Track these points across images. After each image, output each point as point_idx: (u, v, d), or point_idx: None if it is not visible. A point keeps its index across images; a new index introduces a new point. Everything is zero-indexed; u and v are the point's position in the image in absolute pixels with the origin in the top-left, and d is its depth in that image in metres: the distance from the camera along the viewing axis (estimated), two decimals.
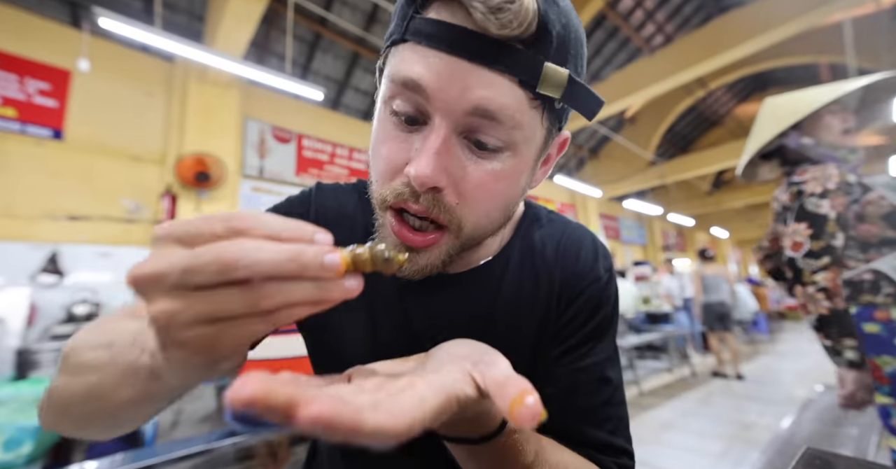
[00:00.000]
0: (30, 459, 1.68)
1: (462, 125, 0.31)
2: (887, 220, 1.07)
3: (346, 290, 0.21)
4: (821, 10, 3.94)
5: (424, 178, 0.30)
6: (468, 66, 0.29)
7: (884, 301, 1.04)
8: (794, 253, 1.12)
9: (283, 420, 0.17)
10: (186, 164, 3.64)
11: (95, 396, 0.28)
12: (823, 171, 1.15)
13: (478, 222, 0.35)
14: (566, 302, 0.44)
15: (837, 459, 0.55)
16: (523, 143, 0.33)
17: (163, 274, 0.19)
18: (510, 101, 0.30)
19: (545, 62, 0.30)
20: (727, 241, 15.47)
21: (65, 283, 3.02)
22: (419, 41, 0.31)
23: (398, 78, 0.32)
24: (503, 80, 0.30)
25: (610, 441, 0.41)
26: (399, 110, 0.33)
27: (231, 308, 0.19)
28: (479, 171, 0.33)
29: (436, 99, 0.30)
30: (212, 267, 0.18)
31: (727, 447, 2.58)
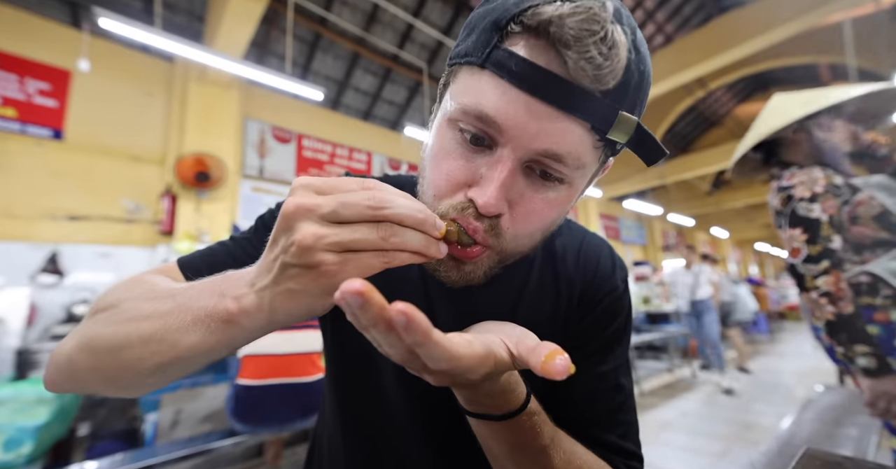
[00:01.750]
0: (30, 459, 1.68)
1: (529, 160, 0.32)
2: (879, 221, 1.06)
3: (440, 251, 0.27)
4: (821, 11, 3.94)
5: (491, 207, 0.32)
6: (547, 110, 0.30)
7: (883, 303, 1.04)
8: (794, 259, 1.11)
9: (374, 315, 0.20)
10: (186, 164, 3.64)
11: (156, 341, 0.28)
12: (809, 174, 1.15)
13: (521, 242, 0.36)
14: (585, 309, 0.46)
15: (837, 460, 0.55)
16: (581, 176, 0.35)
17: (318, 205, 0.24)
18: (579, 146, 0.31)
19: (620, 111, 0.30)
20: (727, 241, 15.46)
21: (65, 283, 3.02)
22: (501, 75, 0.30)
23: (473, 109, 0.31)
24: (577, 127, 0.30)
25: (621, 444, 0.42)
26: (466, 130, 0.33)
27: (366, 238, 0.24)
28: (535, 199, 0.34)
29: (510, 136, 0.31)
30: (367, 201, 0.24)
31: (727, 447, 2.58)
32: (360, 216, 0.24)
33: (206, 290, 0.29)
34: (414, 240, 0.25)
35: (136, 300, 0.32)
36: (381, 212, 0.24)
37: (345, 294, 0.19)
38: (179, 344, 0.28)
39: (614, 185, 9.00)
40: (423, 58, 5.79)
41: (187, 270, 0.43)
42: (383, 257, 0.25)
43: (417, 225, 0.25)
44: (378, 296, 0.20)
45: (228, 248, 0.45)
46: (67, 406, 1.92)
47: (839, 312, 1.02)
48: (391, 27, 5.40)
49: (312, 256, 0.24)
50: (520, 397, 0.32)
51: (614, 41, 0.28)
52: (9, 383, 1.89)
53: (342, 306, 0.21)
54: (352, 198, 0.24)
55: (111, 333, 0.31)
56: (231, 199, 4.09)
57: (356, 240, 0.24)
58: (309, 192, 0.25)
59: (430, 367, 0.23)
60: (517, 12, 0.29)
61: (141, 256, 3.49)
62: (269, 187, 4.64)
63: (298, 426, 1.72)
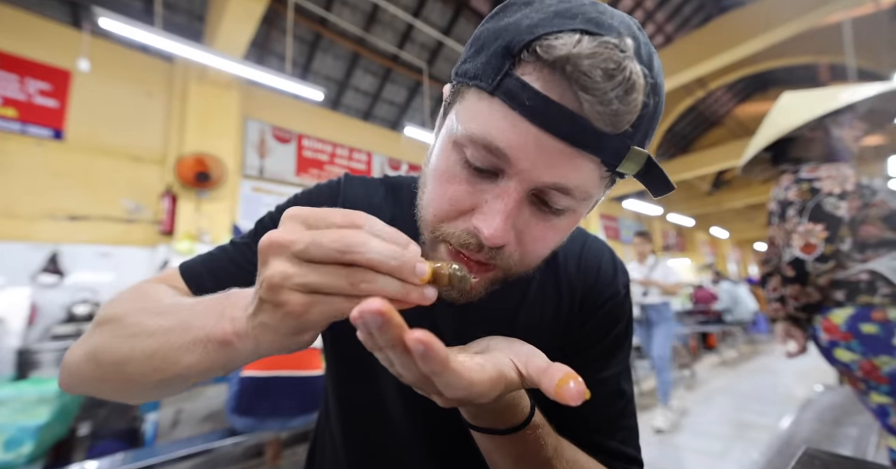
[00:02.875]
0: (30, 459, 1.68)
1: (535, 191, 0.31)
2: (887, 222, 1.07)
3: (424, 297, 0.24)
4: (820, 11, 3.94)
5: (497, 239, 0.31)
6: (559, 145, 0.28)
7: (881, 301, 1.04)
8: (806, 255, 1.10)
9: (392, 337, 0.20)
10: (186, 164, 3.64)
11: (158, 358, 0.29)
12: (839, 170, 1.13)
13: (527, 265, 0.36)
14: (586, 314, 0.46)
15: (836, 459, 0.55)
16: (586, 205, 0.34)
17: (292, 242, 0.23)
18: (587, 179, 0.30)
19: (631, 147, 0.29)
20: (727, 241, 15.46)
21: (65, 283, 3.02)
22: (513, 106, 0.28)
23: (482, 139, 0.30)
24: (587, 162, 0.29)
25: (622, 450, 0.43)
26: (472, 161, 0.32)
27: (333, 283, 0.23)
28: (541, 227, 0.33)
29: (518, 168, 0.30)
30: (334, 244, 0.22)
31: (727, 447, 2.58)
32: (329, 258, 0.22)
33: (208, 310, 0.29)
34: (389, 287, 0.23)
35: (140, 314, 0.33)
36: (349, 256, 0.22)
37: (364, 313, 0.19)
38: (179, 362, 0.28)
39: (614, 186, 8.98)
40: (423, 58, 5.79)
41: (189, 277, 0.43)
42: (356, 303, 0.22)
43: (393, 272, 0.23)
44: (398, 318, 0.20)
45: (229, 252, 0.46)
46: (68, 406, 1.92)
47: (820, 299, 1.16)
48: (391, 27, 5.40)
49: (279, 295, 0.23)
50: (524, 411, 0.32)
51: (632, 84, 0.26)
52: (9, 383, 1.89)
53: (357, 325, 0.20)
54: (323, 238, 0.22)
55: (116, 347, 0.32)
56: (231, 199, 4.09)
57: (323, 284, 0.22)
58: (295, 225, 0.24)
59: (446, 395, 0.23)
60: (531, 39, 0.27)
61: (141, 256, 3.49)
62: (269, 187, 4.64)
63: (299, 422, 1.73)
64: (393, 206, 0.48)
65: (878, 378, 1.04)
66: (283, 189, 4.74)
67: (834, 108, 1.16)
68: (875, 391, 1.06)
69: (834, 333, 1.11)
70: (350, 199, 0.49)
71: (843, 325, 1.09)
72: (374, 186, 0.51)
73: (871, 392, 1.07)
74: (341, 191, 0.49)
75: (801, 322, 1.24)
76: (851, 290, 1.09)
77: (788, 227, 1.17)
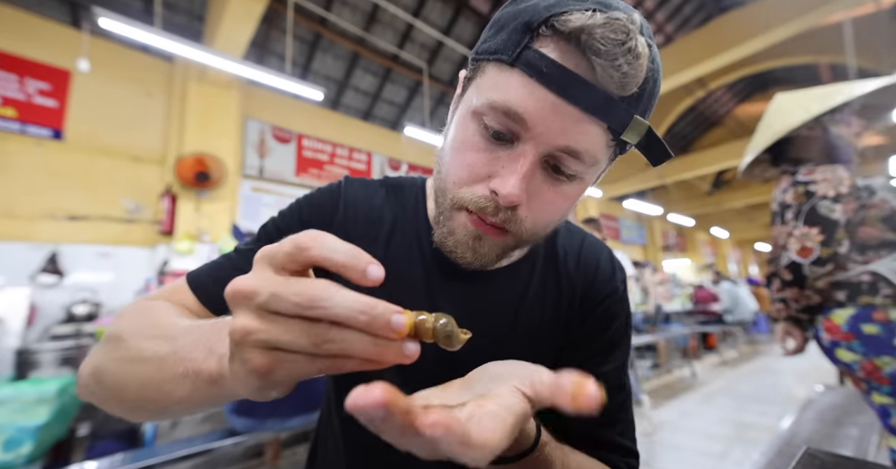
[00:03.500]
0: (30, 459, 1.68)
1: (548, 155, 0.34)
2: (887, 223, 1.07)
3: (402, 354, 0.21)
4: (821, 11, 3.94)
5: (513, 198, 0.33)
6: (572, 110, 0.31)
7: (882, 302, 1.04)
8: (802, 258, 1.10)
9: (402, 425, 0.17)
10: (186, 164, 3.64)
11: (152, 388, 0.29)
12: (834, 172, 1.13)
13: (537, 232, 0.38)
14: (586, 312, 0.48)
15: (837, 460, 0.55)
16: (593, 173, 0.37)
17: (255, 293, 0.20)
18: (595, 145, 0.33)
19: (635, 115, 0.33)
20: (727, 241, 15.46)
21: (65, 283, 3.02)
22: (531, 74, 0.32)
23: (502, 105, 0.33)
24: (596, 127, 0.33)
25: (620, 442, 0.44)
26: (490, 126, 0.34)
27: (295, 341, 0.20)
28: (552, 193, 0.36)
29: (534, 132, 0.33)
30: (296, 299, 0.20)
31: (727, 447, 2.58)
32: (292, 312, 0.20)
33: (199, 341, 0.27)
34: (357, 345, 0.20)
35: (138, 337, 0.32)
36: (311, 312, 0.20)
37: (360, 408, 0.17)
38: (172, 395, 0.28)
39: (614, 185, 8.99)
40: (423, 58, 5.78)
41: (196, 287, 0.44)
42: (320, 364, 0.21)
43: (364, 326, 0.20)
44: (402, 402, 0.17)
45: (233, 260, 0.46)
46: (67, 406, 1.92)
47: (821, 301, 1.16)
48: (391, 27, 5.40)
49: (243, 351, 0.21)
50: (531, 434, 0.31)
51: (639, 52, 0.30)
52: (9, 383, 1.89)
53: (355, 415, 0.18)
54: (286, 289, 0.20)
55: (114, 371, 0.32)
56: (231, 199, 4.09)
57: (284, 341, 0.20)
58: (263, 268, 0.21)
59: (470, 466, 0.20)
60: (549, 16, 0.31)
61: (141, 256, 3.49)
62: (269, 187, 4.63)
63: (298, 422, 1.73)
64: (394, 207, 0.49)
65: (880, 379, 1.04)
66: (283, 189, 4.74)
67: (831, 106, 1.16)
68: (877, 392, 1.06)
69: (835, 334, 1.11)
70: (351, 202, 0.49)
71: (844, 326, 1.09)
72: (375, 188, 0.51)
73: (873, 392, 1.07)
74: (342, 193, 0.49)
75: (802, 322, 1.24)
76: (853, 290, 1.09)
77: (786, 231, 1.17)
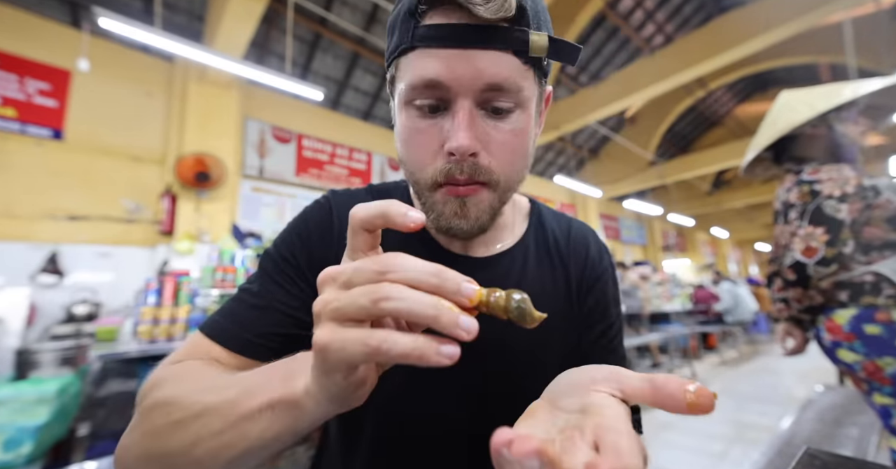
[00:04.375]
0: (29, 459, 1.68)
1: (479, 99, 0.36)
2: (892, 223, 1.06)
3: (458, 325, 0.20)
4: (821, 10, 3.93)
5: (465, 147, 0.35)
6: (474, 52, 0.35)
7: (885, 303, 1.04)
8: (807, 258, 1.10)
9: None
10: (186, 164, 3.64)
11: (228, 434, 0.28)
12: (840, 171, 1.12)
13: (509, 176, 0.40)
14: (585, 290, 0.51)
15: (837, 460, 0.55)
16: (526, 100, 0.39)
17: (339, 272, 0.23)
18: (511, 71, 0.36)
19: (529, 32, 0.35)
20: (727, 241, 15.46)
21: (64, 283, 3.02)
22: (429, 45, 0.35)
23: (419, 81, 0.36)
24: (502, 55, 0.35)
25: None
26: (422, 105, 0.38)
27: (356, 300, 0.21)
28: (500, 133, 0.38)
29: (456, 86, 0.35)
30: (372, 267, 0.22)
31: (727, 447, 2.58)
32: (371, 280, 0.22)
33: (272, 374, 0.28)
34: (418, 305, 0.20)
35: (195, 393, 0.31)
36: (388, 276, 0.21)
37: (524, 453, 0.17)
38: (250, 434, 0.27)
39: (614, 185, 9.00)
40: None
41: (220, 337, 0.42)
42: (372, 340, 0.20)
43: (434, 289, 0.21)
44: (553, 451, 0.18)
45: (246, 301, 0.45)
46: (67, 406, 1.92)
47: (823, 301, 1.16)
48: None
49: (317, 325, 0.23)
50: None
51: None
52: (9, 383, 1.89)
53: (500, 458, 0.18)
54: (364, 263, 0.23)
55: (178, 435, 0.30)
56: (231, 199, 4.09)
57: (346, 304, 0.21)
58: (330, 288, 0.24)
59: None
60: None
61: (141, 256, 3.49)
62: (268, 187, 4.63)
63: None
64: None
65: (882, 379, 1.03)
66: (283, 189, 4.74)
67: (837, 104, 1.15)
68: (878, 392, 1.05)
69: (837, 334, 1.11)
70: (343, 215, 0.48)
71: (846, 326, 1.08)
72: (361, 197, 0.52)
73: (875, 393, 1.06)
74: (332, 207, 0.50)
75: (804, 323, 1.24)
76: (855, 291, 1.08)
77: (790, 230, 1.16)
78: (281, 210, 4.70)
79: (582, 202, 8.76)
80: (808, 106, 1.20)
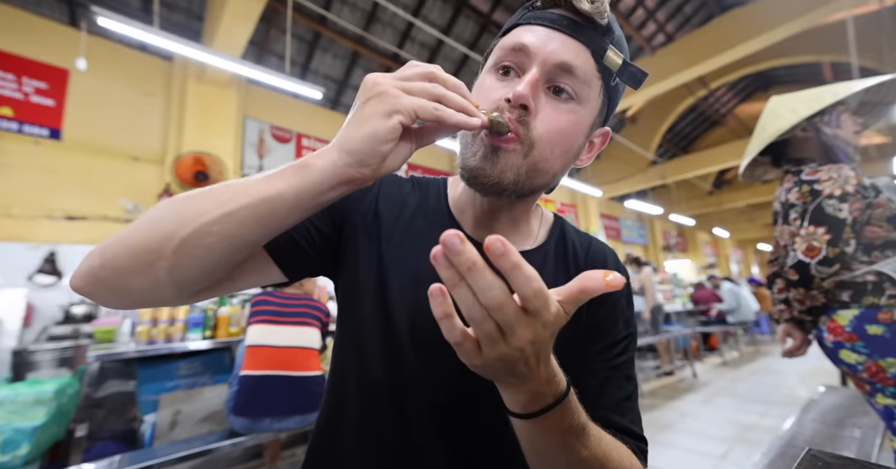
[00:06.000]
0: (27, 461, 1.67)
1: (548, 74, 0.42)
2: (893, 223, 1.05)
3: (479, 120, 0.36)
4: (823, 9, 3.92)
5: (520, 94, 0.40)
6: (561, 35, 0.42)
7: (887, 303, 1.03)
8: (809, 258, 1.09)
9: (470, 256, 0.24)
10: (185, 164, 3.64)
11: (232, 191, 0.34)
12: (839, 171, 1.12)
13: (543, 151, 0.43)
14: (597, 302, 0.49)
15: (840, 461, 0.53)
16: (587, 101, 0.44)
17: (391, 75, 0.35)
18: (583, 64, 0.42)
19: (610, 45, 0.43)
20: (729, 241, 15.44)
21: (62, 284, 3.01)
22: (529, 22, 0.44)
23: (511, 43, 0.43)
24: (581, 48, 0.42)
25: (632, 429, 0.47)
26: (501, 64, 0.44)
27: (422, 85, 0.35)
28: (551, 109, 0.43)
29: (535, 55, 0.42)
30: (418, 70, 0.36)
31: (729, 448, 2.56)
32: (420, 78, 0.35)
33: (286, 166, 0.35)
34: (457, 98, 0.35)
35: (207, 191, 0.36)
36: (433, 77, 0.36)
37: (444, 238, 0.24)
38: (249, 191, 0.33)
39: (615, 185, 8.98)
40: (423, 57, 5.77)
41: None
42: (435, 103, 0.34)
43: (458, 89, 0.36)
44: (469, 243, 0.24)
45: None
46: (65, 407, 1.91)
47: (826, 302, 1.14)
48: (391, 26, 5.38)
49: (383, 88, 0.33)
50: (562, 377, 0.33)
51: None
52: (6, 384, 1.89)
53: (437, 258, 0.25)
54: (410, 71, 0.36)
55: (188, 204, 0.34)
56: None
57: (414, 84, 0.34)
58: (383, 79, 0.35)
59: (528, 301, 0.25)
60: None
61: None
62: None
63: (294, 422, 1.73)
64: (418, 199, 0.55)
65: (885, 380, 1.02)
66: None
67: (818, 109, 1.16)
68: (881, 393, 1.04)
69: (839, 334, 1.09)
70: (386, 182, 0.55)
71: (847, 326, 1.07)
72: (403, 182, 0.57)
73: (877, 394, 1.05)
74: (380, 179, 0.55)
75: (805, 324, 1.23)
76: (857, 291, 1.07)
77: (791, 230, 1.15)
78: None
79: (582, 202, 8.75)
80: (791, 111, 1.22)
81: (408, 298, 0.47)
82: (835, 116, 1.21)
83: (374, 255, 0.49)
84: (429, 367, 0.46)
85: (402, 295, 0.47)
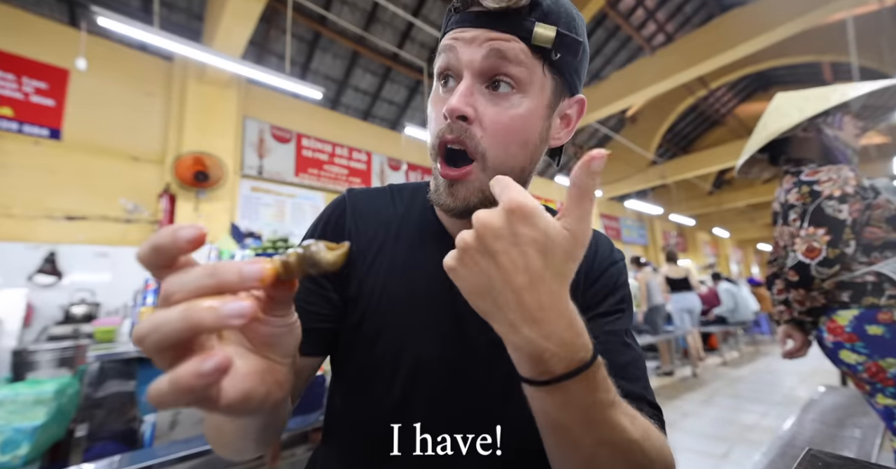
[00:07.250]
0: (27, 461, 1.67)
1: (481, 75, 0.41)
2: (892, 223, 1.05)
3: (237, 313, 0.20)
4: (823, 9, 3.92)
5: (453, 108, 0.39)
6: (484, 32, 0.41)
7: (887, 303, 1.03)
8: (809, 259, 1.08)
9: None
10: (185, 164, 3.64)
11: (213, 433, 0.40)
12: (839, 172, 1.12)
13: (498, 154, 0.42)
14: (591, 280, 0.52)
15: (840, 461, 0.53)
16: (530, 86, 0.42)
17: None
18: (511, 52, 0.40)
19: (535, 22, 0.40)
20: (728, 240, 15.44)
21: (62, 284, 3.01)
22: (453, 26, 0.43)
23: (442, 52, 0.43)
24: (507, 36, 0.40)
25: (644, 395, 0.45)
26: (441, 74, 0.44)
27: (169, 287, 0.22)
28: (496, 109, 0.41)
29: (462, 55, 0.41)
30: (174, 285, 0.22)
31: (729, 448, 2.56)
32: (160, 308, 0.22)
33: None
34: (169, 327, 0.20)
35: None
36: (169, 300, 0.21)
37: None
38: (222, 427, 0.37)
39: (615, 185, 8.98)
40: (423, 57, 5.77)
41: None
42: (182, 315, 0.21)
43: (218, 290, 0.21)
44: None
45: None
46: (65, 407, 1.91)
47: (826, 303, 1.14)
48: (391, 26, 5.38)
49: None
50: (587, 342, 0.30)
51: None
52: (5, 384, 1.88)
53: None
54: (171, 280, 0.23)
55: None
56: (230, 199, 4.08)
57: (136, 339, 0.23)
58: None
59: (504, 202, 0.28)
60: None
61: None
62: (268, 187, 4.63)
63: (293, 423, 1.72)
64: (398, 205, 0.54)
65: (885, 380, 1.02)
66: (283, 189, 4.73)
67: (823, 109, 1.16)
68: (881, 393, 1.04)
69: (839, 335, 1.09)
70: (356, 211, 0.53)
71: (847, 327, 1.07)
72: (378, 195, 0.56)
73: (878, 394, 1.05)
74: (347, 206, 0.53)
75: (805, 325, 1.23)
76: (857, 291, 1.07)
77: (791, 231, 1.15)
78: (280, 210, 4.69)
79: None
80: (797, 110, 1.21)
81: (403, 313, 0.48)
82: (838, 118, 1.21)
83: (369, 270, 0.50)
84: (430, 388, 0.46)
85: (394, 310, 0.48)
